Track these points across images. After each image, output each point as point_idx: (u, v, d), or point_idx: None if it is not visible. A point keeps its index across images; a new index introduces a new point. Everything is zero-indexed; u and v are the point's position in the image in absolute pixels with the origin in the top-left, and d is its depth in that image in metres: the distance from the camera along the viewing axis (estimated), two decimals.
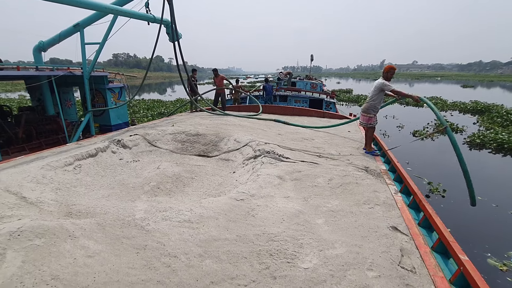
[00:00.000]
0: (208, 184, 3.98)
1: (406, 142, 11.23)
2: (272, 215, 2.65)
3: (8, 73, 6.96)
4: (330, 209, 2.80)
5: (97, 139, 5.29)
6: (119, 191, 3.66)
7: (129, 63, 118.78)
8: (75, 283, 1.76)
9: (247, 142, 5.06)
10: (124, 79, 11.37)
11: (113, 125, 9.65)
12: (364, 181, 3.44)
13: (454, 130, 13.60)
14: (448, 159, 9.87)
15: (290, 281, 1.82)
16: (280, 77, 17.23)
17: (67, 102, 9.90)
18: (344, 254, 2.09)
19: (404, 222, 2.54)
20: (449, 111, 20.20)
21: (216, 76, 9.43)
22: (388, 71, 4.48)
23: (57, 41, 8.51)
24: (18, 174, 3.41)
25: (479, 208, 6.03)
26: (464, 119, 16.88)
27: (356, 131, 6.44)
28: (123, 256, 2.03)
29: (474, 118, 17.30)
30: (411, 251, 2.14)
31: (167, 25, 7.95)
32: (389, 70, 4.49)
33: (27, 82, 9.00)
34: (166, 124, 6.65)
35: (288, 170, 3.76)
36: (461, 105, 21.53)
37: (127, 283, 1.78)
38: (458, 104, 21.86)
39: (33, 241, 2.10)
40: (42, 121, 8.39)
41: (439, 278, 1.87)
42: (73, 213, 2.97)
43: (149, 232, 2.32)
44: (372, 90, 4.54)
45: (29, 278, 1.78)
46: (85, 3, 5.94)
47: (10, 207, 2.74)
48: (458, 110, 20.51)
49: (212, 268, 1.93)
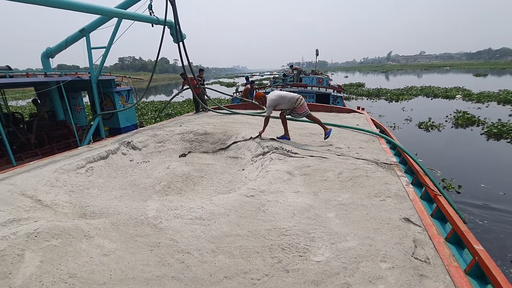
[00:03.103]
0: (217, 182, 4.01)
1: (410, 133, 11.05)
2: (282, 210, 2.65)
3: (18, 80, 7.14)
4: (341, 203, 2.79)
5: (108, 142, 5.38)
6: (131, 191, 3.72)
7: (135, 66, 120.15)
8: (92, 281, 1.80)
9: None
10: (131, 82, 11.52)
11: (122, 128, 9.80)
12: (374, 173, 3.40)
13: (475, 123, 12.95)
14: (459, 151, 9.71)
15: (303, 274, 1.82)
16: (286, 73, 17.15)
17: (77, 107, 10.08)
18: (356, 247, 2.07)
19: (416, 214, 2.51)
20: (486, 102, 18.55)
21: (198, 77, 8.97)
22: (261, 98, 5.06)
23: (64, 47, 8.67)
24: (33, 178, 3.50)
25: (501, 204, 5.85)
26: (502, 111, 15.31)
27: (364, 124, 6.37)
28: (138, 254, 2.07)
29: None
30: (425, 242, 2.11)
31: (171, 26, 7.99)
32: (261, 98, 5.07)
33: (36, 88, 9.21)
34: (174, 124, 6.71)
35: (297, 165, 3.75)
36: (498, 95, 19.82)
37: (143, 279, 1.82)
38: (492, 95, 20.30)
39: (50, 242, 2.16)
40: (53, 126, 8.58)
41: (453, 268, 1.83)
42: (87, 214, 3.04)
43: (162, 230, 2.36)
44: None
45: (47, 277, 1.83)
46: (90, 8, 6.02)
47: (26, 209, 2.82)
48: (496, 101, 18.91)
49: (225, 263, 1.95)
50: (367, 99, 24.30)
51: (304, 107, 4.80)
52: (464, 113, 14.07)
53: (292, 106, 4.78)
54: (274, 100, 4.74)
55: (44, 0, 5.19)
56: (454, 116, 14.27)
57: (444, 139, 11.28)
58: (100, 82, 9.14)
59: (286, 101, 4.75)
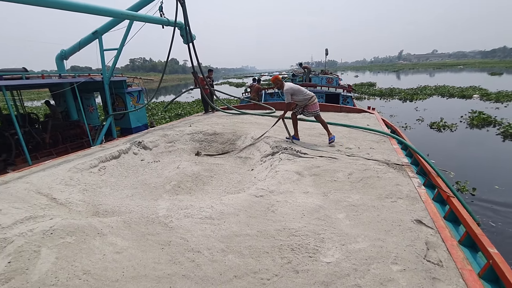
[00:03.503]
0: (227, 182, 4.03)
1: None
2: (292, 211, 2.64)
3: (34, 82, 7.35)
4: (351, 204, 2.76)
5: (119, 142, 5.48)
6: (142, 190, 3.78)
7: (145, 67, 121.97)
8: (105, 278, 1.85)
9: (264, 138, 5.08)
10: (142, 83, 11.70)
11: (133, 128, 9.96)
12: (385, 174, 3.35)
13: (491, 123, 12.58)
14: (474, 151, 9.46)
15: (312, 275, 1.82)
16: (295, 73, 17.06)
17: (90, 108, 10.31)
18: (367, 248, 2.05)
19: (429, 215, 2.46)
20: (505, 102, 17.76)
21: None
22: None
23: (77, 48, 8.88)
24: (48, 177, 3.60)
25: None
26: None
27: (375, 124, 6.28)
28: (149, 252, 2.11)
29: None
30: (437, 245, 2.07)
31: (181, 27, 8.08)
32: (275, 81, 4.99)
33: (51, 89, 9.45)
34: (183, 124, 6.78)
35: (307, 166, 3.74)
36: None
37: (154, 277, 1.85)
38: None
39: (65, 239, 2.22)
40: (67, 127, 8.80)
41: (467, 271, 1.79)
42: (100, 213, 3.11)
43: (172, 229, 2.39)
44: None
45: (62, 273, 1.88)
46: (104, 11, 6.16)
47: (42, 207, 2.90)
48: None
49: (235, 263, 1.96)
50: (380, 98, 23.84)
51: (316, 106, 4.86)
52: (479, 113, 13.68)
53: (306, 102, 4.83)
54: (292, 89, 4.79)
55: (64, 4, 5.34)
56: (469, 116, 13.89)
57: (458, 140, 11.01)
58: (112, 83, 9.32)
59: (302, 94, 4.80)
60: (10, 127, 7.09)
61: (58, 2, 5.33)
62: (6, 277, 1.84)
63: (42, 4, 5.15)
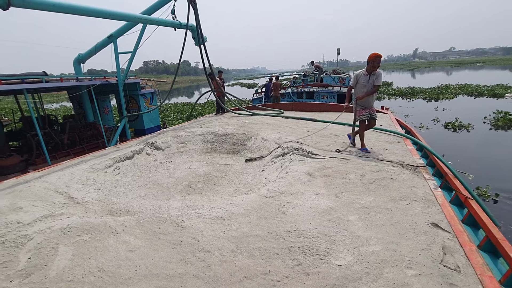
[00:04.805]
0: (237, 182, 4.05)
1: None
2: (302, 212, 2.62)
3: (54, 85, 7.62)
4: (364, 206, 2.71)
5: (133, 143, 5.60)
6: (154, 190, 3.85)
7: (158, 69, 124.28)
8: (119, 275, 1.89)
9: (274, 140, 5.06)
10: (155, 85, 11.92)
11: (147, 129, 10.15)
12: (399, 176, 3.27)
13: None
14: (496, 153, 9.05)
15: (323, 278, 1.79)
16: (307, 73, 16.93)
17: (105, 109, 10.59)
18: (380, 252, 2.01)
19: (445, 219, 2.38)
20: None
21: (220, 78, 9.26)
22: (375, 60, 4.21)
23: (93, 52, 9.14)
24: (66, 177, 3.73)
25: None
26: None
27: (389, 124, 6.15)
28: (161, 251, 2.14)
29: None
30: (455, 249, 1.99)
31: (193, 30, 8.19)
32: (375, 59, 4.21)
33: (69, 92, 9.77)
34: (195, 125, 6.86)
35: (318, 167, 3.70)
36: None
37: (166, 276, 1.87)
38: None
39: (81, 237, 2.29)
40: (83, 128, 9.07)
41: (487, 278, 1.72)
42: (114, 212, 3.18)
43: (183, 229, 2.42)
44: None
45: (78, 270, 1.94)
46: (119, 15, 6.31)
47: (60, 206, 3.01)
48: None
49: (245, 264, 1.96)
50: (402, 98, 23.10)
51: (373, 110, 4.46)
52: (506, 114, 12.92)
53: (367, 100, 4.41)
54: (357, 75, 4.43)
55: (83, 10, 5.51)
56: (493, 117, 13.22)
57: (479, 141, 10.52)
58: (126, 85, 9.53)
59: (361, 87, 4.39)
60: (31, 128, 7.37)
61: (80, 9, 5.48)
62: (26, 272, 1.92)
63: (65, 11, 5.30)
